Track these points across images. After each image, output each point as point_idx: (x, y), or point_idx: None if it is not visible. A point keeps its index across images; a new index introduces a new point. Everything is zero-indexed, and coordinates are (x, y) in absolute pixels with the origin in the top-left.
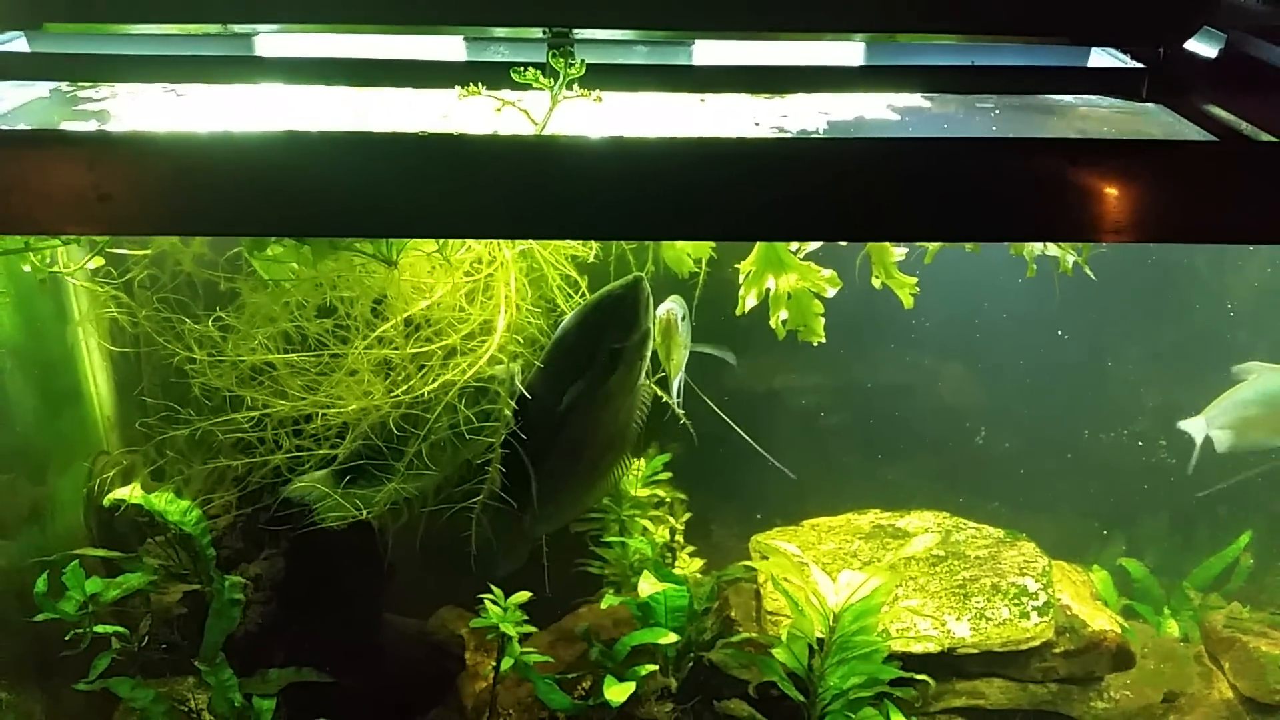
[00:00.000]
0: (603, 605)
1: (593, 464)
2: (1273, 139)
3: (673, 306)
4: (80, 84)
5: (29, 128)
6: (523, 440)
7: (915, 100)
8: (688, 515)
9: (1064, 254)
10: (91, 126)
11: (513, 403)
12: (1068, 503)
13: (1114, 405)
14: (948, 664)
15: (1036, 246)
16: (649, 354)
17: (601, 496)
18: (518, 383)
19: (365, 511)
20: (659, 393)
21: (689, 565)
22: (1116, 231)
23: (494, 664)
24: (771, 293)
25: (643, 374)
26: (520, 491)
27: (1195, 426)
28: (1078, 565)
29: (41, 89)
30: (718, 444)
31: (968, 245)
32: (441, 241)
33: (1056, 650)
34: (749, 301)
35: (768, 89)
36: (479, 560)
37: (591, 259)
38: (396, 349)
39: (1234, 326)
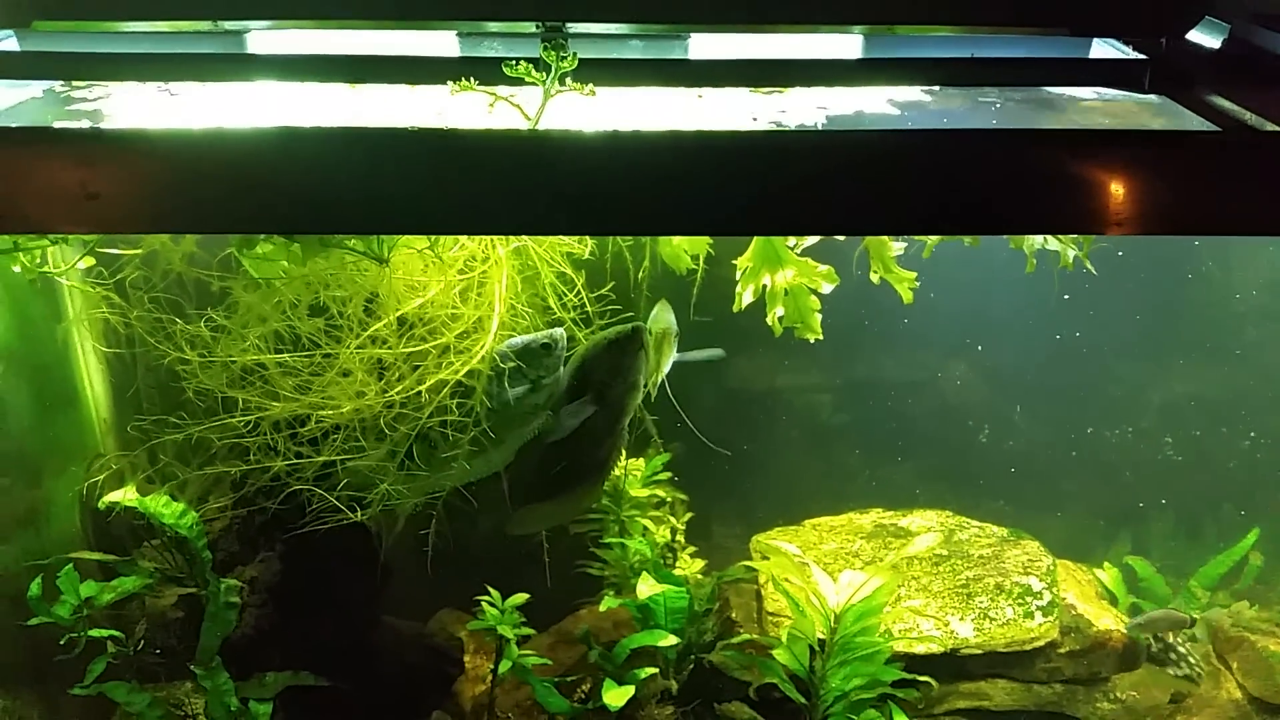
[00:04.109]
0: (602, 607)
1: (570, 488)
2: (1277, 129)
3: (668, 325)
4: (73, 83)
5: (17, 125)
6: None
7: (915, 94)
8: (689, 515)
9: (1065, 248)
10: (84, 126)
11: (559, 363)
12: (1072, 501)
13: (1119, 402)
14: (951, 665)
15: (1037, 240)
16: (637, 400)
17: (570, 518)
18: (562, 345)
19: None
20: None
21: (690, 566)
22: (1119, 224)
23: (493, 667)
24: (768, 289)
25: (627, 417)
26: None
27: None
28: (1083, 564)
29: (35, 89)
30: (719, 443)
31: (967, 239)
32: (434, 239)
33: (1062, 650)
34: (746, 297)
35: (765, 83)
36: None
37: (587, 255)
38: (389, 348)
39: (1240, 323)
